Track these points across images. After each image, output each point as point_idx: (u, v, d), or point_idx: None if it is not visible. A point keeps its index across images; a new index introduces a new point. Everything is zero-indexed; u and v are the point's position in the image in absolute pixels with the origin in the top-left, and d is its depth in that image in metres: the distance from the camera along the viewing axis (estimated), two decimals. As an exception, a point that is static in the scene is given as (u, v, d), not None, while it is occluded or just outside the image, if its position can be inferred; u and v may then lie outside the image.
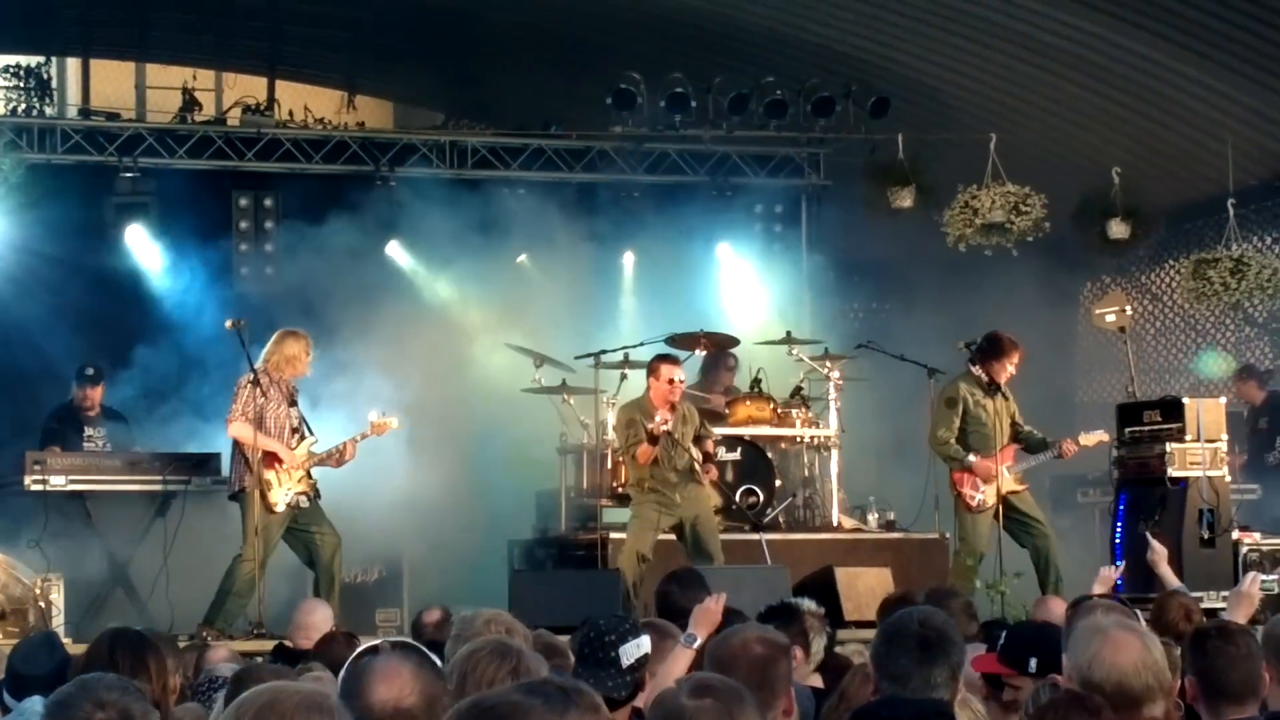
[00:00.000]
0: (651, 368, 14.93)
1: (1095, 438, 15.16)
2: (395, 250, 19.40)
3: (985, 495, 14.94)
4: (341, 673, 4.53)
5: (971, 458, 14.90)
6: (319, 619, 11.17)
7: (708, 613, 7.64)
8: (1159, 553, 11.79)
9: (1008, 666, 6.62)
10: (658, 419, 14.42)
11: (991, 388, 15.03)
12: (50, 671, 6.95)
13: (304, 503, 14.26)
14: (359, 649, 4.56)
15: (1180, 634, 7.77)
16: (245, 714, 3.69)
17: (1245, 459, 17.35)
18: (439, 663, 4.55)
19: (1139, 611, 8.31)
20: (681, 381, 14.79)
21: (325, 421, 14.87)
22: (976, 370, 15.05)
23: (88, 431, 15.95)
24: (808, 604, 8.76)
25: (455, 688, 5.62)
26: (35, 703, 6.46)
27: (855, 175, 18.88)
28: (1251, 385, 18.03)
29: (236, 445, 14.23)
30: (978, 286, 18.01)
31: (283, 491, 14.09)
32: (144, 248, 18.90)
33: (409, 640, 4.74)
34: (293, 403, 14.39)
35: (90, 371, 16.46)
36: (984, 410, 14.99)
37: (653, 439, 14.49)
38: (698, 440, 14.90)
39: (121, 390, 17.12)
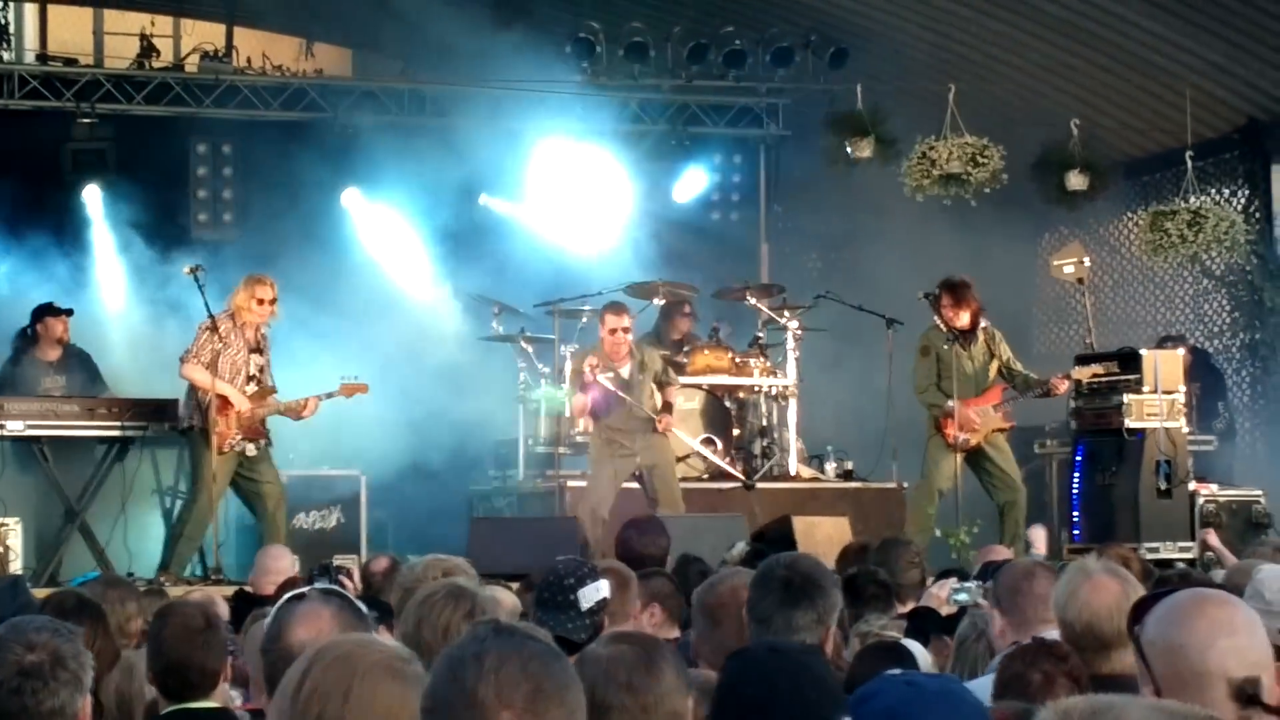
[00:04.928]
0: (601, 317, 14.84)
1: (1088, 371, 14.99)
2: (353, 198, 19.31)
3: (969, 437, 14.91)
4: (269, 616, 4.61)
5: (951, 403, 14.77)
6: (285, 565, 11.22)
7: None
8: None
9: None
10: (587, 368, 14.25)
11: (963, 334, 14.99)
12: (11, 615, 6.92)
13: (251, 450, 14.21)
14: (286, 595, 4.62)
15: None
16: (318, 663, 3.66)
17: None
18: (363, 608, 4.59)
19: None
20: (625, 331, 14.50)
21: (283, 370, 14.82)
22: (937, 319, 15.05)
23: (45, 384, 15.66)
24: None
25: (412, 632, 5.65)
26: None
27: (814, 126, 18.86)
28: (1183, 352, 17.77)
29: (191, 385, 14.20)
30: (936, 237, 18.00)
31: (231, 435, 14.06)
32: (101, 194, 18.80)
33: (335, 587, 4.79)
34: (256, 350, 14.33)
35: (57, 305, 16.20)
36: (955, 356, 14.94)
37: (583, 386, 14.35)
38: (660, 386, 14.83)
39: (80, 336, 17.00)
